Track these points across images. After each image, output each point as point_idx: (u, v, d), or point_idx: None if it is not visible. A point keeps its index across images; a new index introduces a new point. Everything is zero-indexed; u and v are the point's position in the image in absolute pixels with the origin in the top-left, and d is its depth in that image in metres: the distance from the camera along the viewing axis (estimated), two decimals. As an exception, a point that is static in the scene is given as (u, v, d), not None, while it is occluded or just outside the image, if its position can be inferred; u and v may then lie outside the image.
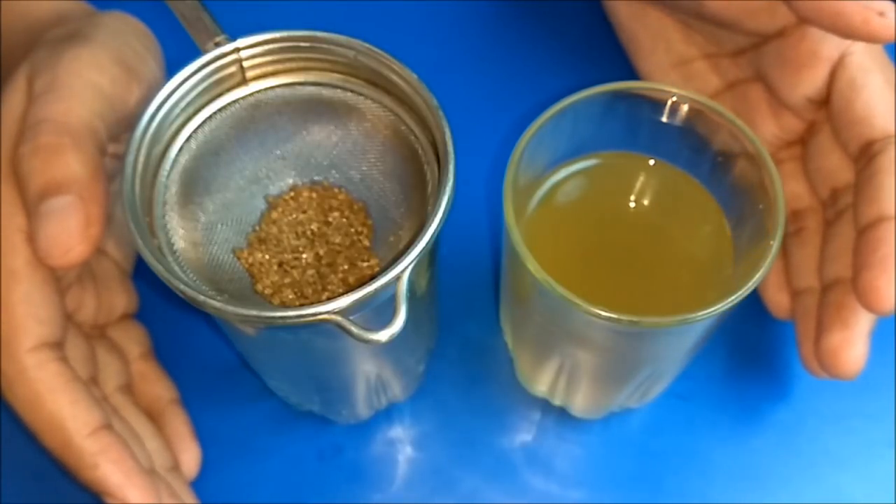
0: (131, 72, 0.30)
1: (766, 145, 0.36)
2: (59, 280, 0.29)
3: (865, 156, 0.32)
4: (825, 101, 0.34)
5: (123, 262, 0.35)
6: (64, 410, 0.27)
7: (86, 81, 0.29)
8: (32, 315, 0.27)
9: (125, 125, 0.30)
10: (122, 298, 0.34)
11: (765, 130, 0.36)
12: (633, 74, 0.41)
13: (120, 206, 0.34)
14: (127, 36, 0.31)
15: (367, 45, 0.29)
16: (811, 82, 0.33)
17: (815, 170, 0.35)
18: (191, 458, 0.34)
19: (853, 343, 0.31)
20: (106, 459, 0.28)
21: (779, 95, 0.35)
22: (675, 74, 0.39)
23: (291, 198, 0.31)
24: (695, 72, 0.38)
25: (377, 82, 0.30)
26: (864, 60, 0.33)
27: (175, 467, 0.33)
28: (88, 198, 0.27)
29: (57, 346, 0.28)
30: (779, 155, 0.36)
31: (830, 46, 0.33)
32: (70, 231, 0.27)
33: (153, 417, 0.34)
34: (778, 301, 0.36)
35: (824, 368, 0.32)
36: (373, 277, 0.26)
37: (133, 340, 0.34)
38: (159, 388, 0.34)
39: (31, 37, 0.32)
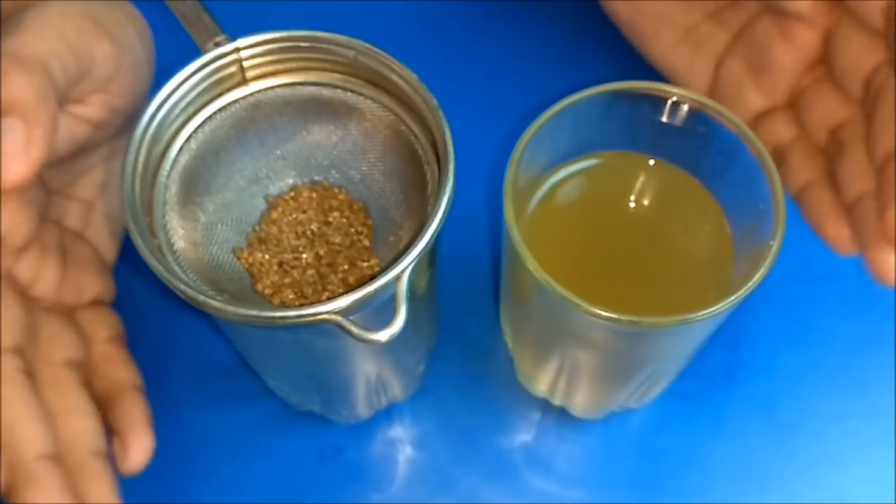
0: (101, 28, 0.30)
1: (789, 75, 0.35)
2: None
3: (892, 20, 0.31)
4: None
5: (104, 250, 0.34)
6: None
7: (49, 24, 0.28)
8: None
9: (92, 84, 0.30)
10: (93, 283, 0.33)
11: (783, 58, 0.35)
12: (633, 74, 0.41)
13: (111, 200, 0.34)
14: (109, 5, 0.31)
15: (367, 45, 0.29)
16: None
17: (841, 71, 0.33)
18: (141, 447, 0.32)
19: None
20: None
21: (786, 8, 0.34)
22: (685, 47, 0.38)
23: (291, 198, 0.31)
24: (702, 37, 0.38)
25: (377, 82, 0.30)
26: None
27: (102, 453, 0.31)
28: (32, 120, 0.27)
29: None
30: (802, 83, 0.35)
31: None
32: (9, 150, 0.26)
33: (109, 400, 0.32)
34: (838, 235, 0.33)
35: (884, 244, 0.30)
36: (373, 277, 0.26)
37: (103, 324, 0.34)
38: (122, 372, 0.33)
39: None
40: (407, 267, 0.25)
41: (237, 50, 0.29)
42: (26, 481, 0.28)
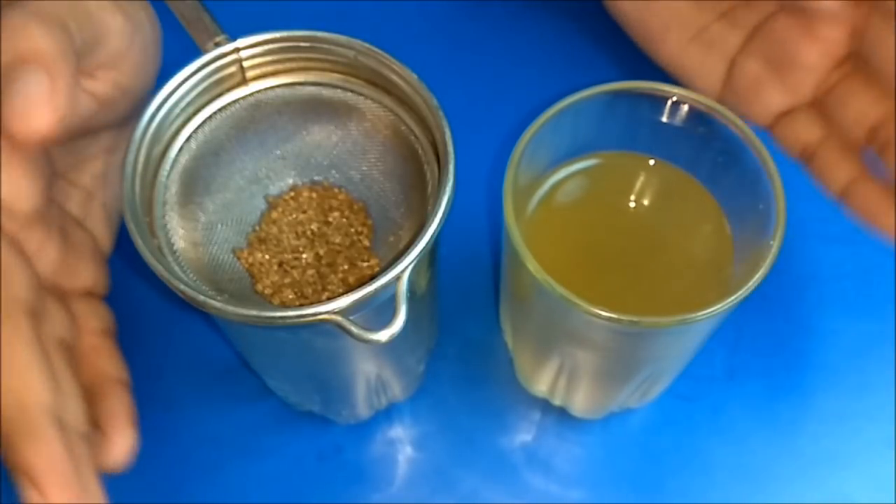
0: (118, 3, 0.29)
1: (815, 72, 0.34)
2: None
3: None
4: None
5: (101, 240, 0.34)
6: None
7: None
8: None
9: (103, 56, 0.29)
10: (89, 270, 0.33)
11: (808, 55, 0.34)
12: (634, 74, 0.41)
13: (109, 193, 0.34)
14: None
15: (367, 45, 0.29)
16: None
17: (877, 67, 0.33)
18: (122, 443, 0.30)
19: None
20: None
21: (809, 8, 0.33)
22: (695, 48, 0.37)
23: (291, 198, 0.31)
24: (713, 36, 0.37)
25: (377, 82, 0.30)
26: None
27: (87, 437, 0.28)
28: (54, 71, 0.26)
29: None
30: (830, 80, 0.35)
31: None
32: (33, 100, 0.26)
33: (93, 394, 0.31)
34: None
35: None
36: (373, 277, 0.26)
37: (94, 315, 0.33)
38: (109, 365, 0.32)
39: None
40: (407, 267, 0.25)
41: (237, 50, 0.29)
42: (29, 434, 0.26)
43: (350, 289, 0.26)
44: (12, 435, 0.25)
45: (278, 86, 0.30)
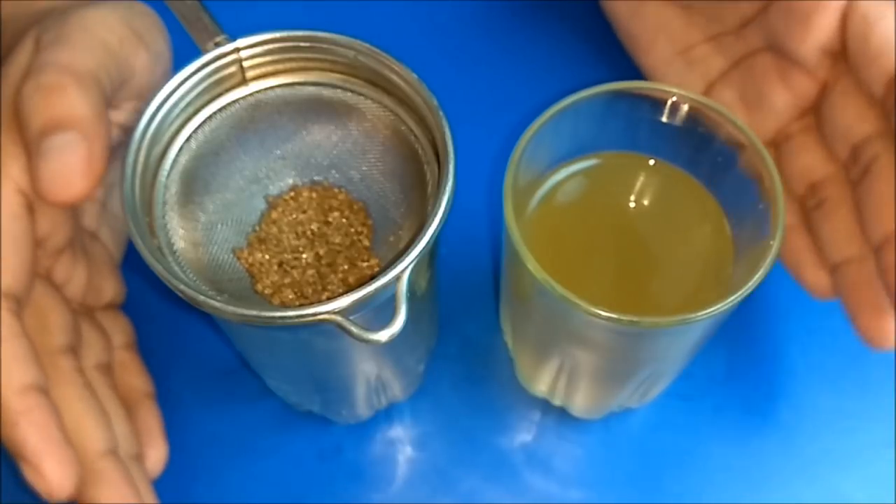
0: (139, 37, 0.30)
1: (779, 117, 0.35)
2: (37, 240, 0.28)
3: (893, 92, 0.31)
4: (838, 52, 0.33)
5: (114, 250, 0.34)
6: None
7: (93, 35, 0.28)
8: None
9: (128, 92, 0.30)
10: (110, 285, 0.33)
11: (776, 100, 0.35)
12: (632, 74, 0.41)
13: (117, 200, 0.34)
14: (135, 9, 0.31)
15: (367, 45, 0.29)
16: (822, 30, 0.32)
17: (831, 131, 0.34)
18: (157, 455, 0.33)
19: None
20: (27, 420, 0.26)
21: (790, 53, 0.34)
22: (678, 63, 0.38)
23: (291, 198, 0.31)
24: (698, 56, 0.38)
25: (377, 82, 0.30)
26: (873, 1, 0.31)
27: (139, 457, 0.32)
28: (91, 135, 0.27)
29: (14, 299, 0.28)
30: (790, 128, 0.35)
31: None
32: (72, 167, 0.26)
33: (126, 408, 0.33)
34: (817, 281, 0.34)
35: None
36: (373, 277, 0.26)
37: (118, 329, 0.34)
38: (137, 380, 0.34)
39: (37, 22, 0.32)
40: (407, 267, 0.25)
41: (237, 50, 0.29)
42: (95, 479, 0.28)
43: (350, 289, 0.26)
44: (80, 481, 0.27)
45: (278, 86, 0.30)
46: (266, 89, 0.30)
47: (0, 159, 0.27)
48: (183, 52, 0.29)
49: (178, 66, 0.29)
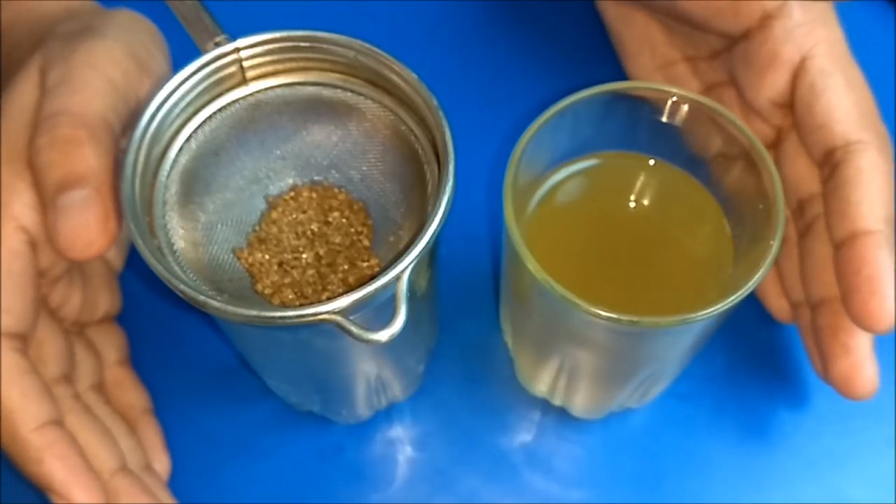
0: (142, 66, 0.30)
1: None
2: (39, 275, 0.29)
3: (828, 164, 0.31)
4: (791, 105, 0.33)
5: (114, 260, 0.35)
6: (13, 402, 0.27)
7: (100, 74, 0.29)
8: None
9: (132, 118, 0.30)
10: (105, 298, 0.34)
11: None
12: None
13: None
14: (137, 32, 0.31)
15: (367, 45, 0.29)
16: (773, 86, 0.33)
17: (783, 177, 0.34)
18: (161, 468, 0.34)
19: (861, 367, 0.31)
20: (51, 455, 0.27)
21: (746, 99, 0.35)
22: (660, 76, 0.39)
23: (291, 198, 0.31)
24: (677, 74, 0.38)
25: (377, 82, 0.30)
26: (825, 64, 0.32)
27: (149, 467, 0.33)
28: (106, 191, 0.27)
29: (18, 338, 0.28)
30: None
31: (791, 49, 0.32)
32: (90, 225, 0.27)
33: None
34: (779, 307, 0.36)
35: (841, 393, 0.32)
36: (373, 277, 0.26)
37: (111, 345, 0.34)
38: (133, 396, 0.34)
39: (38, 30, 0.32)
40: (407, 267, 0.25)
41: (237, 50, 0.29)
42: (112, 496, 0.30)
43: (350, 289, 0.26)
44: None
45: (278, 86, 0.30)
46: (266, 89, 0.30)
47: (1, 196, 0.28)
48: (183, 52, 0.29)
49: (178, 66, 0.29)
